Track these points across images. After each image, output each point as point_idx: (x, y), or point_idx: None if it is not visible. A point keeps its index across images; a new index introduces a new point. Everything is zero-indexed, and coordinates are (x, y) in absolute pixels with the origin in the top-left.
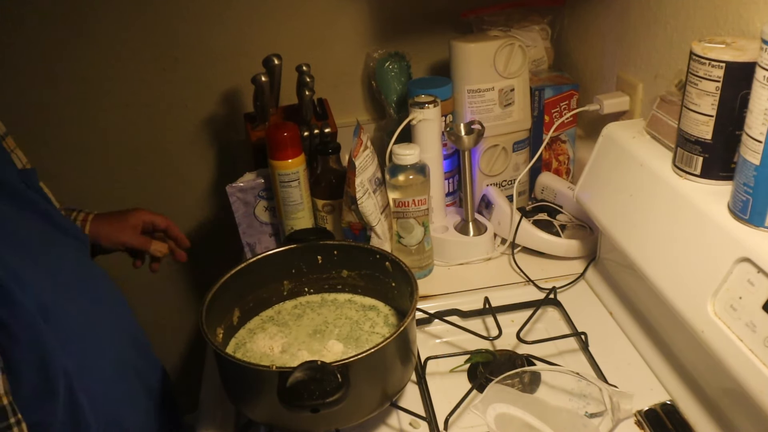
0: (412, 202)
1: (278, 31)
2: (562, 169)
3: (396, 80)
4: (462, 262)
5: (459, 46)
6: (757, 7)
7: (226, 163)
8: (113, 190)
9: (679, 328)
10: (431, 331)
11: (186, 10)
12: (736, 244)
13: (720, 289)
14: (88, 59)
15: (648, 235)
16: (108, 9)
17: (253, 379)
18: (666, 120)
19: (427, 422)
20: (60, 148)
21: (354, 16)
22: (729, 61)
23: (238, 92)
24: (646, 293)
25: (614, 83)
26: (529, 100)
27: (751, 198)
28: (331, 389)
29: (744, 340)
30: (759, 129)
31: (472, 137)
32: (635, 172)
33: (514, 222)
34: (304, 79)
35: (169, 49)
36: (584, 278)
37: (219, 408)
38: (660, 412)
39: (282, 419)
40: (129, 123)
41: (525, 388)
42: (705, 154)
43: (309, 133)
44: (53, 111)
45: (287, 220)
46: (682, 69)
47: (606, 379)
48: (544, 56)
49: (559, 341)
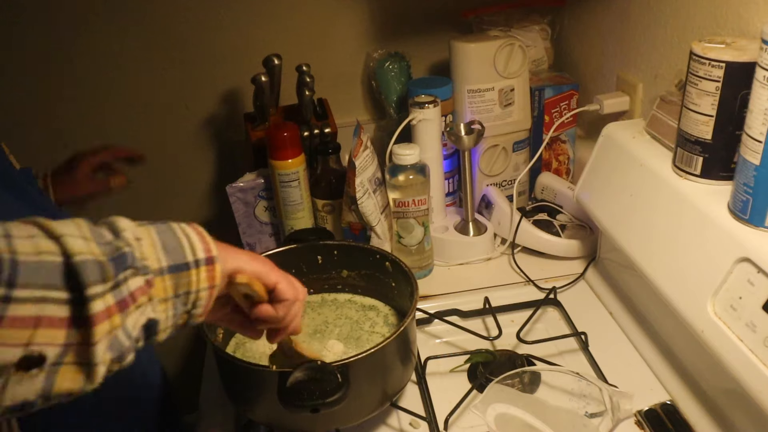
0: (412, 202)
1: (278, 31)
2: (562, 169)
3: (396, 80)
4: (462, 262)
5: (459, 46)
6: (757, 7)
7: (226, 163)
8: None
9: (679, 328)
10: (431, 331)
11: (186, 11)
12: (736, 244)
13: (720, 289)
14: (89, 59)
15: (648, 235)
16: (108, 9)
17: (253, 379)
18: (666, 120)
19: (427, 422)
20: (60, 148)
21: (354, 16)
22: (729, 61)
23: (238, 92)
24: (646, 293)
25: (614, 83)
26: (529, 100)
27: (751, 198)
28: (331, 389)
29: (744, 340)
30: (759, 129)
31: (472, 137)
32: (635, 172)
33: (514, 222)
34: (304, 79)
35: (170, 49)
36: (584, 278)
37: (219, 408)
38: (660, 412)
39: (282, 419)
40: (129, 123)
41: (525, 388)
42: (705, 154)
43: (309, 133)
44: (53, 111)
45: (287, 220)
46: (682, 69)
47: (606, 379)
48: (544, 56)
49: (559, 341)
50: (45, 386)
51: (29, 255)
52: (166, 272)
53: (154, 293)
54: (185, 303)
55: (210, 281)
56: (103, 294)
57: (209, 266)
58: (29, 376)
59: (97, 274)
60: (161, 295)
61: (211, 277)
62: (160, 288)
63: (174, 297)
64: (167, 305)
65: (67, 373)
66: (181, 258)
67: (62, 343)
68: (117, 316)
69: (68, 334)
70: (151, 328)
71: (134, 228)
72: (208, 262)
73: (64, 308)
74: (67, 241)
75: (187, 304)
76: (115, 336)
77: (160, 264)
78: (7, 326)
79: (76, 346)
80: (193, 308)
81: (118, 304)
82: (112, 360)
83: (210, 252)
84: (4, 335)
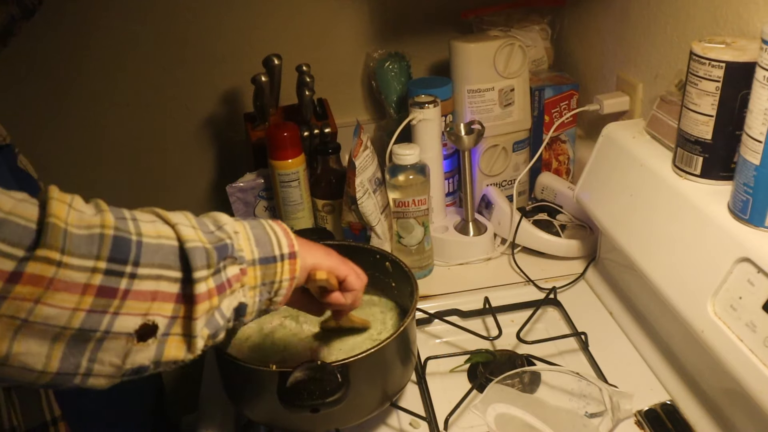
0: (412, 202)
1: (278, 31)
2: (562, 169)
3: (396, 80)
4: (462, 262)
5: (459, 46)
6: (757, 7)
7: (226, 163)
8: (113, 190)
9: (679, 328)
10: (431, 331)
11: (187, 11)
12: (736, 244)
13: (720, 289)
14: (89, 59)
15: (648, 235)
16: (108, 9)
17: (252, 379)
18: (666, 120)
19: (427, 422)
20: (60, 148)
21: (354, 16)
22: (729, 61)
23: (238, 92)
24: (646, 293)
25: (614, 83)
26: (529, 100)
27: (751, 198)
28: (330, 389)
29: (744, 340)
30: (759, 129)
31: (472, 137)
32: (635, 172)
33: (514, 222)
34: (304, 79)
35: (170, 49)
36: (584, 278)
37: (219, 408)
38: (660, 412)
39: (282, 419)
40: (129, 123)
41: (525, 388)
42: (705, 154)
43: (309, 133)
44: (53, 111)
45: (287, 220)
46: (682, 69)
47: (606, 379)
48: (544, 56)
49: (559, 341)
50: (157, 353)
51: (151, 237)
52: (257, 263)
53: (246, 281)
54: (270, 291)
55: (291, 273)
56: (207, 278)
57: (292, 260)
58: (146, 344)
59: (204, 259)
60: (251, 283)
61: (293, 269)
62: (251, 276)
63: (261, 285)
64: (255, 292)
65: (173, 343)
66: (269, 251)
67: (170, 315)
68: (216, 298)
69: (175, 308)
70: (240, 311)
71: (233, 222)
72: (291, 257)
73: (175, 285)
74: (180, 228)
75: (271, 292)
76: (213, 314)
77: (252, 255)
78: (132, 298)
79: (181, 319)
80: (275, 296)
81: (218, 288)
82: (208, 335)
83: (293, 248)
84: (131, 306)
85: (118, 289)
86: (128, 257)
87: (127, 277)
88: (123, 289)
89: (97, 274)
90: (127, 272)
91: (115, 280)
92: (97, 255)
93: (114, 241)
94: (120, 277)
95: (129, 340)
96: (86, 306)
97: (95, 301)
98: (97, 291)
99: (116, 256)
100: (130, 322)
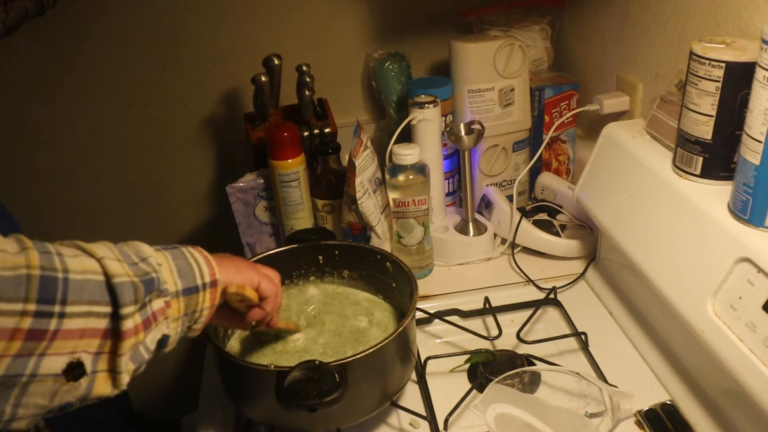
0: (412, 202)
1: (278, 31)
2: (562, 169)
3: (396, 80)
4: (462, 262)
5: (459, 46)
6: (757, 7)
7: (226, 163)
8: (113, 190)
9: (679, 328)
10: (431, 330)
11: (186, 10)
12: (736, 244)
13: (720, 289)
14: (89, 59)
15: (648, 235)
16: (108, 9)
17: (252, 379)
18: (666, 120)
19: (427, 422)
20: (60, 148)
21: (354, 16)
22: (729, 61)
23: (238, 92)
24: (646, 293)
25: (614, 83)
26: (529, 100)
27: (751, 198)
28: (328, 389)
29: (744, 340)
30: (759, 129)
31: (472, 137)
32: (635, 172)
33: (514, 222)
34: (304, 79)
35: (170, 49)
36: (584, 278)
37: (219, 408)
38: (660, 412)
39: (282, 419)
40: (129, 123)
41: (525, 388)
42: (705, 154)
43: (309, 133)
44: (53, 111)
45: (287, 220)
46: (682, 69)
47: (606, 379)
48: (544, 56)
49: (559, 341)
50: (86, 391)
51: (77, 273)
52: (180, 294)
53: (170, 313)
54: (191, 320)
55: (212, 301)
56: (133, 314)
57: (213, 288)
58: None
59: (132, 295)
60: (175, 315)
61: (213, 297)
62: (174, 308)
63: (184, 315)
64: (178, 323)
65: (101, 380)
66: (192, 281)
67: (95, 351)
68: (141, 334)
69: (101, 343)
70: (162, 342)
71: (155, 254)
72: (212, 285)
73: (104, 321)
74: (106, 262)
75: (191, 320)
76: (137, 349)
77: (176, 287)
78: (61, 338)
79: (107, 354)
80: (195, 323)
81: (144, 323)
82: (133, 370)
83: (214, 275)
84: (59, 345)
85: (47, 330)
86: (56, 296)
87: (57, 316)
88: (52, 330)
89: (26, 318)
90: (56, 312)
91: (44, 321)
92: (25, 297)
93: (41, 281)
94: (50, 318)
95: (56, 380)
96: (13, 351)
97: (23, 345)
98: (26, 335)
99: (44, 296)
100: (57, 363)
